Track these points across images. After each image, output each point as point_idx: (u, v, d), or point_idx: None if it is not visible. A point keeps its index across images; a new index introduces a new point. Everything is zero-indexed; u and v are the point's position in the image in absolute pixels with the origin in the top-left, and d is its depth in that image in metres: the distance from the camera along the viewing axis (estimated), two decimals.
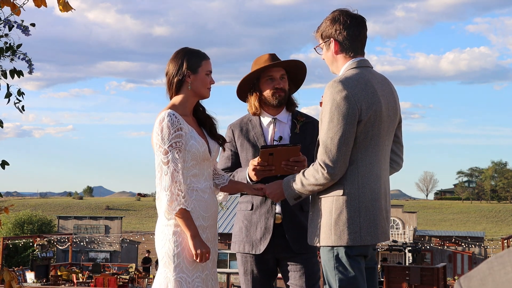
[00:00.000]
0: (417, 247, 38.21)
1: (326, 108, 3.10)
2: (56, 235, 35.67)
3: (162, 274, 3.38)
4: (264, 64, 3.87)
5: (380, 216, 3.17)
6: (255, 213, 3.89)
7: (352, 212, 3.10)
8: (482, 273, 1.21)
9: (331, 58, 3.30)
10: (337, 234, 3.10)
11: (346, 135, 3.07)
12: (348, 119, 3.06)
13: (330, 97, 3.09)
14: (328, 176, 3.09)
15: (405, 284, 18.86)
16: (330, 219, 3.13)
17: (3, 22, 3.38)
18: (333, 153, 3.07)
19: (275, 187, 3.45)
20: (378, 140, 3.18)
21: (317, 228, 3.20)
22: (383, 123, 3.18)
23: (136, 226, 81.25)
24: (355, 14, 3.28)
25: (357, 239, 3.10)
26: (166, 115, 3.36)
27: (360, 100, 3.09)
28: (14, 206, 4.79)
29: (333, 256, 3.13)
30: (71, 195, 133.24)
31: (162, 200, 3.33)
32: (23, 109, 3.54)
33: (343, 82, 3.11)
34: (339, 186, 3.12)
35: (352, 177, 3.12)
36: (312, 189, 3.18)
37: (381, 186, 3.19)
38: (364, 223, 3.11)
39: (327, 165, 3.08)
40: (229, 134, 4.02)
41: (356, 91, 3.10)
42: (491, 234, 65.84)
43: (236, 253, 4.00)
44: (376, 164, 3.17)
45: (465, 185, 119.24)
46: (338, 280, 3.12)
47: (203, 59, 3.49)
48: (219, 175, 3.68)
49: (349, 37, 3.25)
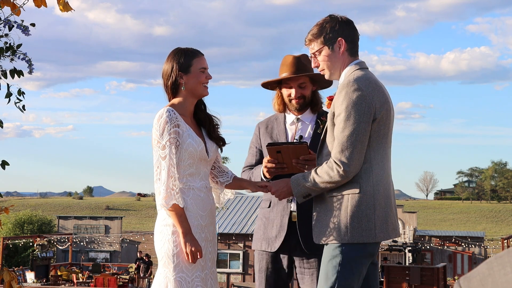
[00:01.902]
0: (417, 247, 38.19)
1: (342, 107, 3.14)
2: (56, 235, 35.66)
3: (162, 274, 3.39)
4: (286, 72, 3.92)
5: (391, 213, 3.22)
6: (272, 210, 3.91)
7: (368, 209, 3.14)
8: (481, 273, 1.21)
9: (334, 60, 3.30)
10: (352, 232, 3.12)
11: (362, 134, 3.12)
12: (365, 118, 3.12)
13: (346, 96, 3.13)
14: (344, 173, 3.12)
15: (405, 284, 18.86)
16: (345, 217, 3.14)
17: (3, 22, 3.38)
18: (349, 151, 3.11)
19: (282, 185, 3.43)
20: (387, 138, 3.25)
21: (327, 226, 3.20)
22: (391, 122, 3.27)
23: (136, 226, 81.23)
24: (346, 16, 3.35)
25: (372, 236, 3.14)
26: (164, 111, 3.39)
27: (374, 100, 3.15)
28: (14, 206, 4.79)
29: (340, 253, 3.14)
30: (71, 195, 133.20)
31: (160, 195, 3.34)
32: (24, 109, 3.54)
33: (358, 81, 3.16)
34: (354, 184, 3.15)
35: (367, 175, 3.16)
36: (325, 186, 3.19)
37: (390, 184, 3.26)
38: (378, 220, 3.15)
39: (343, 162, 3.12)
40: (255, 132, 4.09)
41: (370, 90, 3.16)
42: (491, 234, 65.82)
43: (254, 250, 4.02)
44: (386, 162, 3.24)
45: (465, 185, 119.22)
46: (338, 277, 3.13)
47: (193, 57, 3.48)
48: (223, 173, 3.68)
49: (351, 38, 3.31)
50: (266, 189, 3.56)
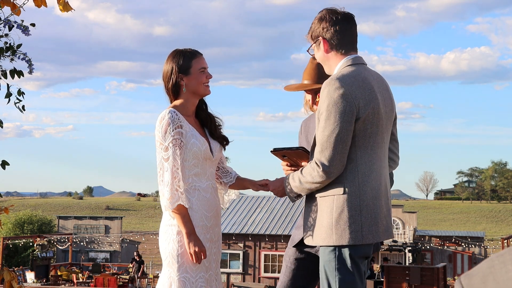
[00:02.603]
0: (417, 247, 38.21)
1: (323, 106, 3.08)
2: (56, 235, 35.67)
3: (166, 274, 3.39)
4: (306, 79, 3.97)
5: (381, 214, 3.15)
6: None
7: (353, 210, 3.08)
8: (483, 271, 1.21)
9: (322, 58, 3.27)
10: (338, 234, 3.08)
11: (343, 133, 3.05)
12: (345, 117, 3.04)
13: (327, 95, 3.07)
14: (324, 174, 3.06)
15: (405, 284, 18.86)
16: (330, 218, 3.10)
17: (3, 22, 3.38)
18: (329, 151, 3.05)
19: (278, 184, 3.47)
20: (377, 138, 3.16)
21: (314, 228, 3.17)
22: (381, 120, 3.16)
23: (136, 226, 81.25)
24: (342, 11, 3.26)
25: (358, 238, 3.08)
26: (167, 113, 3.39)
27: (357, 98, 3.07)
28: (14, 206, 4.79)
29: (335, 257, 3.11)
30: (71, 195, 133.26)
31: (164, 196, 3.35)
32: (23, 109, 3.54)
33: (340, 79, 3.08)
34: (339, 185, 3.10)
35: (352, 175, 3.10)
36: (309, 187, 3.15)
37: (381, 184, 3.17)
38: (365, 221, 3.09)
39: (322, 163, 3.06)
40: (299, 129, 4.16)
41: (353, 88, 3.07)
42: (491, 234, 65.84)
43: None
44: (376, 162, 3.16)
45: (465, 185, 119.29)
46: (338, 281, 3.10)
47: (193, 58, 3.48)
48: (227, 173, 3.69)
49: (337, 33, 3.21)
50: (267, 188, 3.60)
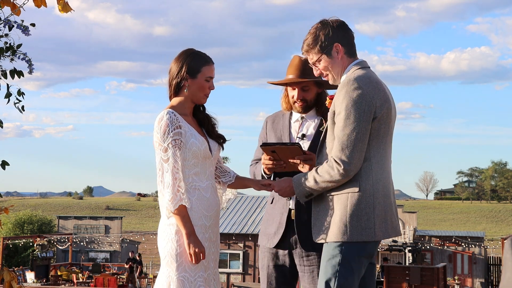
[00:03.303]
0: (417, 247, 38.18)
1: (342, 106, 3.15)
2: (56, 235, 35.67)
3: (165, 273, 3.40)
4: (291, 73, 3.92)
5: (390, 212, 3.23)
6: (274, 207, 3.93)
7: (368, 208, 3.15)
8: None
9: (334, 64, 3.32)
10: (351, 230, 3.14)
11: (362, 132, 3.13)
12: (365, 117, 3.13)
13: (346, 95, 3.15)
14: (344, 172, 3.13)
15: (405, 284, 18.87)
16: (345, 216, 3.15)
17: (3, 22, 3.38)
18: (350, 149, 3.13)
19: (285, 184, 3.47)
20: (387, 137, 3.26)
21: (327, 225, 3.21)
22: (392, 121, 3.28)
23: (136, 226, 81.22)
24: (337, 19, 3.34)
25: (371, 235, 3.15)
26: (165, 113, 3.40)
27: (374, 98, 3.16)
28: (14, 206, 4.79)
29: (340, 253, 3.15)
30: (71, 195, 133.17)
31: (164, 197, 3.35)
32: (23, 109, 3.53)
33: (358, 80, 3.17)
34: (354, 183, 3.17)
35: (366, 173, 3.17)
36: (326, 186, 3.21)
37: (390, 183, 3.27)
38: (377, 219, 3.16)
39: (343, 161, 3.13)
40: (263, 125, 4.13)
41: (370, 89, 3.17)
42: (491, 234, 65.81)
43: (258, 246, 4.05)
44: (386, 161, 3.25)
45: (465, 185, 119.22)
46: (338, 277, 3.14)
47: (204, 64, 3.49)
48: (226, 173, 3.70)
49: (346, 40, 3.33)
50: (270, 188, 3.60)
